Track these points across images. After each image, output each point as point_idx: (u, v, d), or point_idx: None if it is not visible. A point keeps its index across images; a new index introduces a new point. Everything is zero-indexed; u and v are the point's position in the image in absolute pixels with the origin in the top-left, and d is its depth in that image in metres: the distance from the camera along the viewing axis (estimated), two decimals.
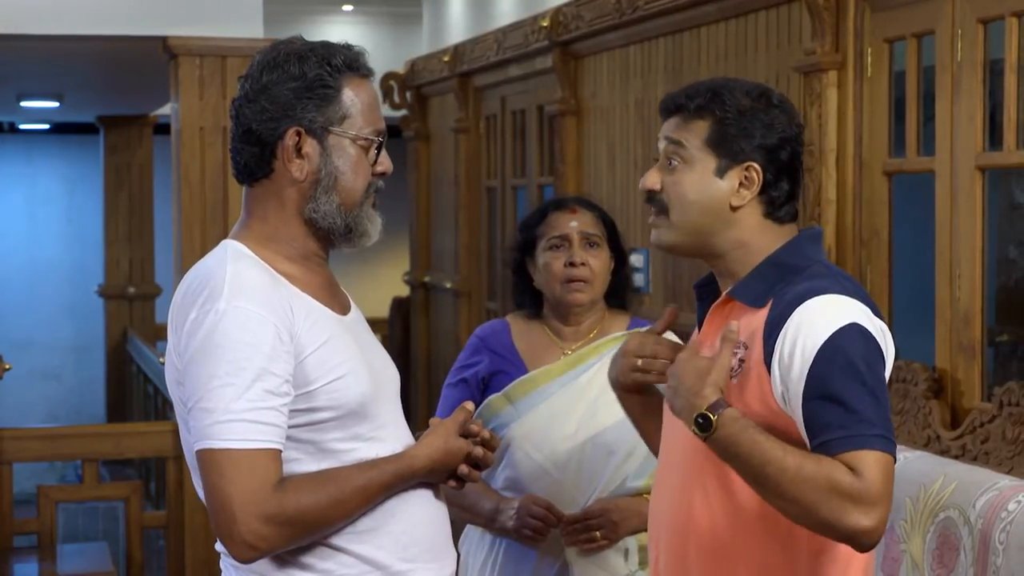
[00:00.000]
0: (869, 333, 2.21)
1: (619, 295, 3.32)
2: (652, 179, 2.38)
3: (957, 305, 3.88)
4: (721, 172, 2.33)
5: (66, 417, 13.03)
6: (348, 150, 2.33)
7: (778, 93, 2.40)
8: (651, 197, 2.39)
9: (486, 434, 2.42)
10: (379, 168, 2.38)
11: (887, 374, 2.27)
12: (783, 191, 2.35)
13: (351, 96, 2.33)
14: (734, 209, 2.33)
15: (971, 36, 3.82)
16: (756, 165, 2.33)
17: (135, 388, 10.18)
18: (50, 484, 7.26)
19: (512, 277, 3.34)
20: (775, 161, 2.34)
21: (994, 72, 3.82)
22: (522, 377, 3.20)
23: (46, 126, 13.67)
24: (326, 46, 2.35)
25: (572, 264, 3.20)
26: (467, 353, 3.30)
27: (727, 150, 2.33)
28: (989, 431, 3.64)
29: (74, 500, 6.70)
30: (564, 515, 3.10)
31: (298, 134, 2.31)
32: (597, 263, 3.23)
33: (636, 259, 5.52)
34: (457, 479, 2.41)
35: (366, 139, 2.35)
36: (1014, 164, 3.80)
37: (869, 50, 4.26)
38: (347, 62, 2.34)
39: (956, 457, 3.68)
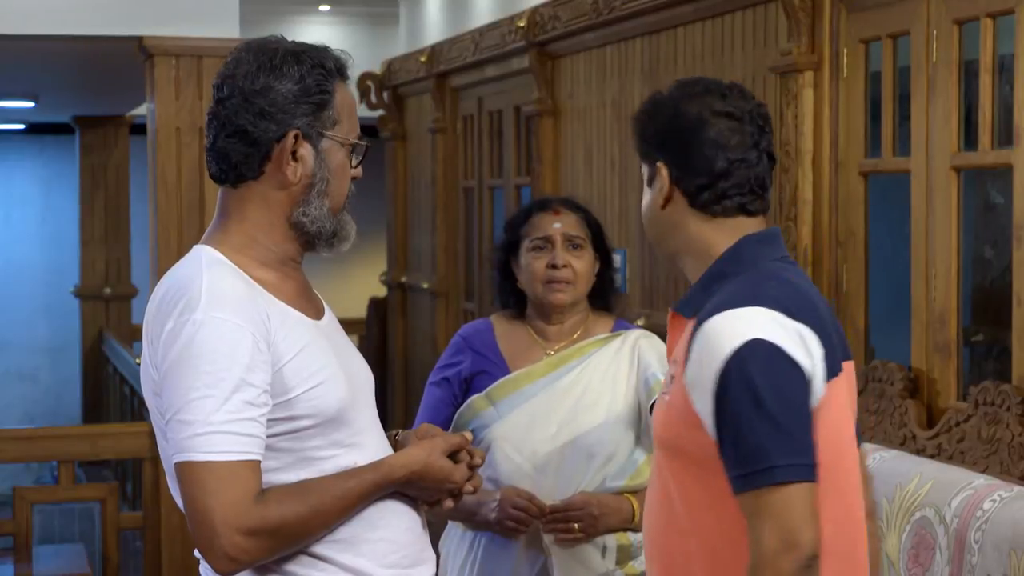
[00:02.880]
0: (771, 345, 2.11)
1: (603, 296, 3.33)
2: None
3: (933, 305, 3.89)
4: (650, 180, 2.36)
5: (42, 418, 12.97)
6: (337, 154, 2.32)
7: (678, 85, 2.35)
8: None
9: (475, 461, 2.40)
10: (355, 173, 2.37)
11: (817, 375, 2.15)
12: (700, 181, 2.28)
13: (339, 101, 2.32)
14: (663, 208, 2.32)
15: (946, 37, 3.84)
16: (660, 162, 2.32)
17: (111, 389, 10.14)
18: (26, 485, 7.24)
19: (496, 277, 3.34)
20: (671, 151, 2.30)
21: (969, 73, 3.84)
22: (504, 378, 3.20)
23: (21, 126, 13.59)
24: (316, 49, 2.33)
25: (554, 266, 3.20)
26: (450, 352, 3.30)
27: (643, 158, 2.37)
28: (964, 430, 3.65)
29: (50, 501, 6.68)
30: (546, 506, 3.10)
31: (295, 137, 2.29)
32: (580, 264, 3.23)
33: (613, 259, 5.51)
34: (432, 504, 2.39)
35: (353, 144, 2.34)
36: (989, 164, 3.82)
37: (845, 51, 4.27)
38: (337, 67, 2.33)
39: (932, 456, 3.69)
